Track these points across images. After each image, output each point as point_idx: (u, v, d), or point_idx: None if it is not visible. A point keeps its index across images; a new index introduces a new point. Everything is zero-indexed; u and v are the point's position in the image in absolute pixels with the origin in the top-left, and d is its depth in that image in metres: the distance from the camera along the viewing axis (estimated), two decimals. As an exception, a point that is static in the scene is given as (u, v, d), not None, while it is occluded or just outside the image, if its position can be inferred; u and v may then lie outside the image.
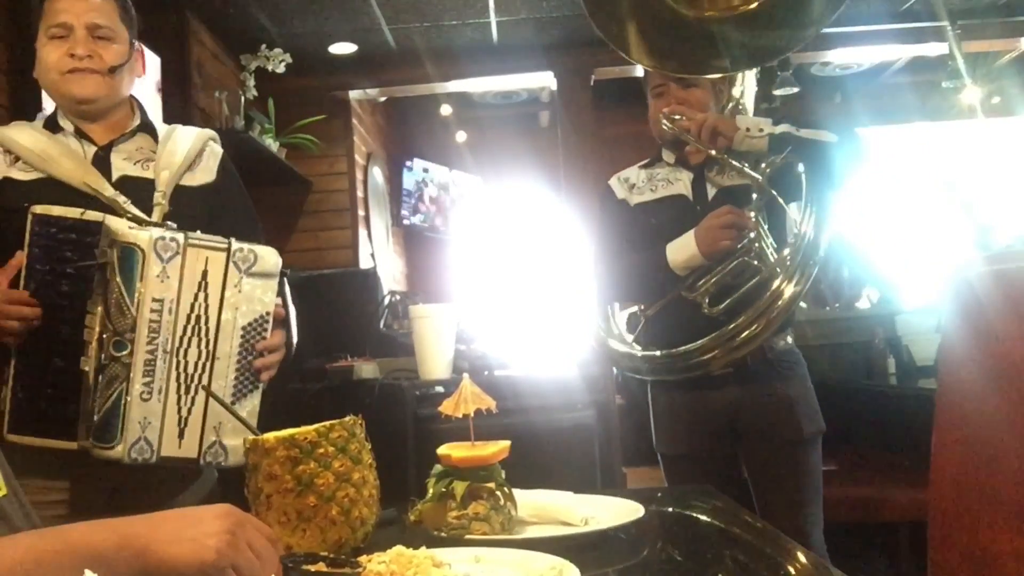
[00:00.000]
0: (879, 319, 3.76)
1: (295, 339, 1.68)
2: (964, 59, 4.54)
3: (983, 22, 4.41)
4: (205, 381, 1.48)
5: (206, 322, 1.48)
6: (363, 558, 0.84)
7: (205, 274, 1.48)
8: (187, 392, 1.47)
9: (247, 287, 1.51)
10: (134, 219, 1.50)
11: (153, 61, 3.32)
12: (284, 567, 0.79)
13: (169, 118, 3.34)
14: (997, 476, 1.06)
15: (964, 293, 1.16)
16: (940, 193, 5.45)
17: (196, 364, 1.47)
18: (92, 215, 1.42)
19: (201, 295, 1.47)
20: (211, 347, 1.48)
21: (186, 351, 1.46)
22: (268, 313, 1.54)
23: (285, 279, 1.62)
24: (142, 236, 1.43)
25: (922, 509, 1.18)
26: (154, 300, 1.43)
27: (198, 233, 1.50)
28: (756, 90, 2.30)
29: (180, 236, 1.46)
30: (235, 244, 1.51)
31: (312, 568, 0.79)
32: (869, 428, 3.32)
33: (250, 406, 1.52)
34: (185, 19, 3.64)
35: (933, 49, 4.65)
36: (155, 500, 1.55)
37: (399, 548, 0.85)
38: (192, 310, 1.47)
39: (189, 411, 1.47)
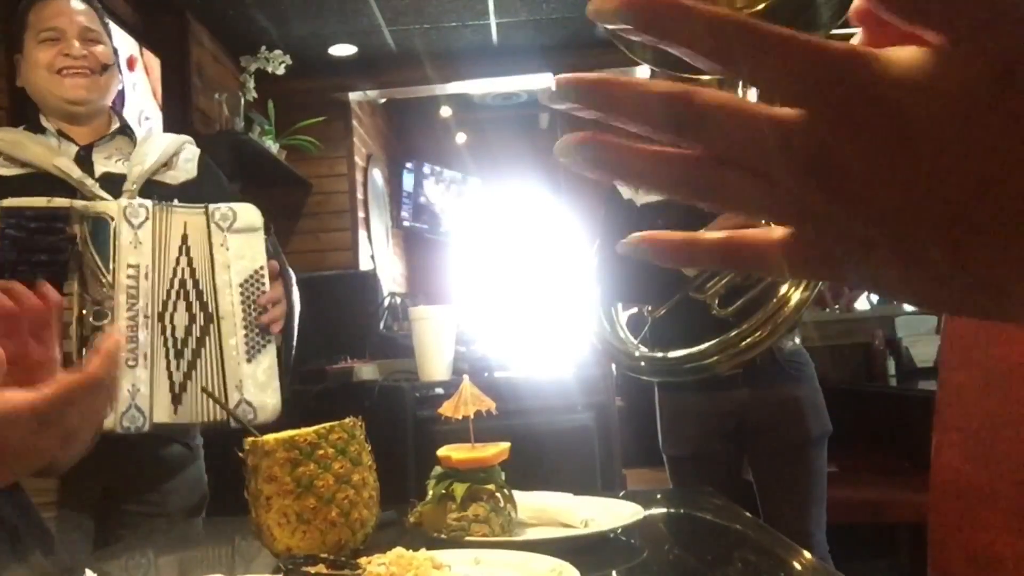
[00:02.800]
0: (879, 320, 3.76)
1: (296, 294, 1.67)
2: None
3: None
4: (207, 344, 1.47)
5: (196, 285, 1.48)
6: (363, 560, 0.84)
7: (185, 238, 1.49)
8: (179, 356, 1.46)
9: (234, 244, 1.52)
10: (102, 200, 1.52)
11: (153, 62, 3.32)
12: (284, 569, 0.79)
13: (169, 119, 3.36)
14: (997, 478, 1.06)
15: (964, 294, 1.16)
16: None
17: (187, 328, 1.47)
18: (59, 201, 1.43)
19: (184, 259, 1.48)
20: (209, 309, 1.48)
21: (172, 316, 1.46)
22: (262, 267, 1.54)
23: (272, 236, 1.62)
24: (111, 205, 1.45)
25: (922, 511, 1.18)
26: (129, 266, 1.44)
27: (174, 202, 1.52)
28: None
29: (148, 202, 1.48)
30: (211, 205, 1.52)
31: (312, 570, 0.79)
32: (869, 430, 3.32)
33: (267, 362, 1.51)
34: (185, 20, 3.64)
35: (933, 51, 4.65)
36: (144, 501, 1.55)
37: (399, 550, 0.85)
38: (175, 274, 1.47)
39: (186, 376, 1.46)
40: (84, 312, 1.41)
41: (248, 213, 1.55)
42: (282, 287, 1.59)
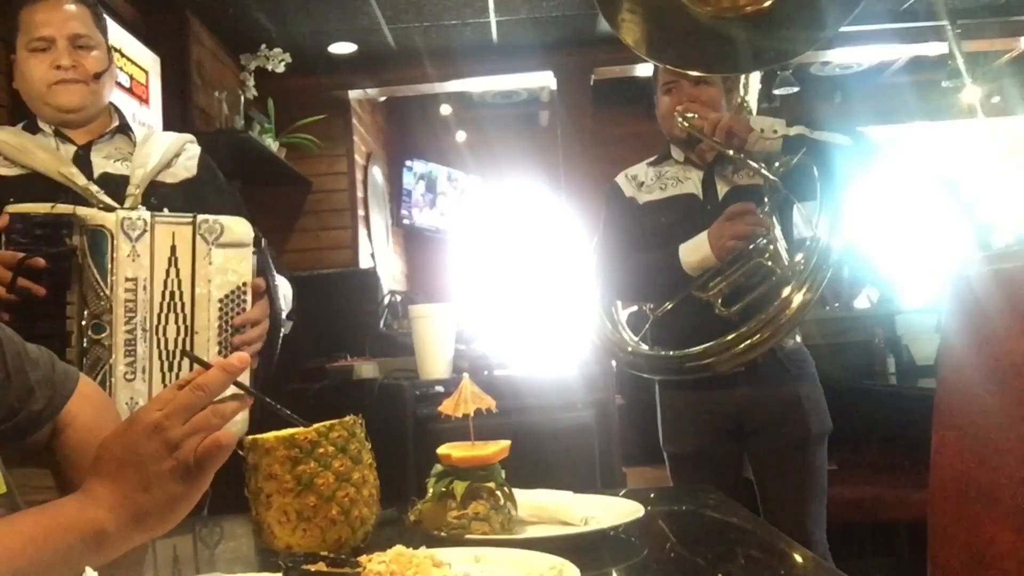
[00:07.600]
0: (879, 319, 3.76)
1: (285, 309, 1.64)
2: (964, 59, 4.55)
3: (983, 22, 4.41)
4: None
5: (180, 297, 1.47)
6: (363, 558, 0.84)
7: (174, 249, 1.48)
8: (170, 369, 1.46)
9: (218, 259, 1.50)
10: (106, 208, 1.51)
11: (153, 61, 3.32)
12: (284, 567, 0.79)
13: (169, 118, 3.35)
14: (997, 475, 1.06)
15: (964, 293, 1.16)
16: (940, 193, 5.45)
17: (175, 340, 1.47)
18: (62, 208, 1.43)
19: (172, 270, 1.48)
20: (188, 322, 1.47)
21: (164, 328, 1.46)
22: (245, 284, 1.52)
23: (265, 251, 1.59)
24: (109, 218, 1.44)
25: (922, 509, 1.18)
26: (127, 280, 1.43)
27: (164, 211, 1.51)
28: (760, 88, 2.30)
29: (147, 215, 1.47)
30: (200, 216, 1.50)
31: (312, 568, 0.78)
32: (869, 428, 3.31)
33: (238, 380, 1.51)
34: (185, 19, 3.64)
35: (933, 49, 4.65)
36: None
37: (399, 548, 0.85)
38: (166, 286, 1.47)
39: None
40: (84, 324, 1.40)
41: (236, 227, 1.52)
42: (266, 307, 1.56)
